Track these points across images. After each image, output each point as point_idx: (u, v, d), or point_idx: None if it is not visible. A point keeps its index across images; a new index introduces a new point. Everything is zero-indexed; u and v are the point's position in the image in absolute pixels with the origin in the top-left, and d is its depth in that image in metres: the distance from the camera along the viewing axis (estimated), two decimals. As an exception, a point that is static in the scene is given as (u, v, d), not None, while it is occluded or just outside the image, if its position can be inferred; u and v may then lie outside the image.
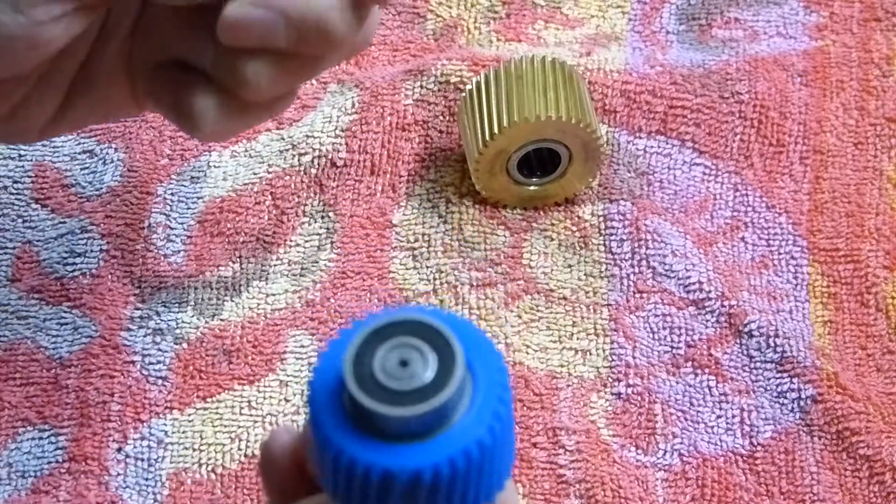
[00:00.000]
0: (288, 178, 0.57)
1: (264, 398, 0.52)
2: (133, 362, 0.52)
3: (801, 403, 0.53)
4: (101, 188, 0.56)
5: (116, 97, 0.46)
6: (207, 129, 0.41)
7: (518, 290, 0.55)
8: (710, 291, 0.55)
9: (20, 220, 0.56)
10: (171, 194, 0.56)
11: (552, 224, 0.57)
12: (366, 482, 0.29)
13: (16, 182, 0.57)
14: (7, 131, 0.45)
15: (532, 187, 0.56)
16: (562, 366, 0.54)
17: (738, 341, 0.54)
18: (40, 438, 0.51)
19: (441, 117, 0.58)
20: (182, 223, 0.56)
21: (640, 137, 0.58)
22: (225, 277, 0.55)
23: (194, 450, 0.51)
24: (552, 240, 0.56)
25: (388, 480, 0.29)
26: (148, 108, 0.48)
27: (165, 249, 0.55)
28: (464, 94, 0.57)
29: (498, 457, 0.30)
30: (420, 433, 0.29)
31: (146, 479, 0.50)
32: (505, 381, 0.30)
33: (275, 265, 0.55)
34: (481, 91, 0.55)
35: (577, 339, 0.54)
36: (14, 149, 0.58)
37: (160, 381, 0.52)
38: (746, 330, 0.54)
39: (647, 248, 0.56)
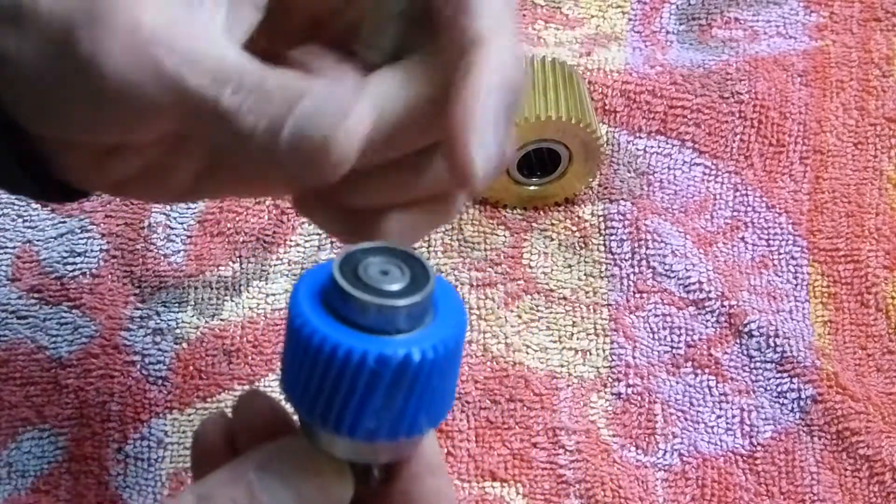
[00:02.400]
0: (288, 178, 0.57)
1: (264, 398, 0.52)
2: (133, 362, 0.52)
3: (801, 403, 0.53)
4: (101, 188, 0.56)
5: (264, 175, 0.43)
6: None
7: (518, 290, 0.55)
8: (710, 291, 0.55)
9: (20, 220, 0.56)
10: (171, 194, 0.56)
11: (552, 224, 0.57)
12: (359, 370, 0.32)
13: (16, 182, 0.57)
14: (140, 191, 0.43)
15: (532, 187, 0.56)
16: (562, 366, 0.54)
17: (738, 341, 0.54)
18: (40, 438, 0.51)
19: (441, 117, 0.58)
20: (182, 223, 0.56)
21: (640, 137, 0.58)
22: (225, 277, 0.55)
23: (194, 450, 0.51)
24: (552, 240, 0.56)
25: (381, 365, 0.32)
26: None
27: (165, 249, 0.55)
28: (464, 94, 0.57)
29: (453, 366, 0.33)
30: (396, 330, 0.32)
31: (146, 479, 0.50)
32: (464, 318, 0.34)
33: (275, 265, 0.55)
34: (481, 91, 0.55)
35: (577, 339, 0.54)
36: (14, 149, 0.57)
37: (160, 381, 0.52)
38: (746, 330, 0.54)
39: (647, 248, 0.56)
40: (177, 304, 0.54)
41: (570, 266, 0.56)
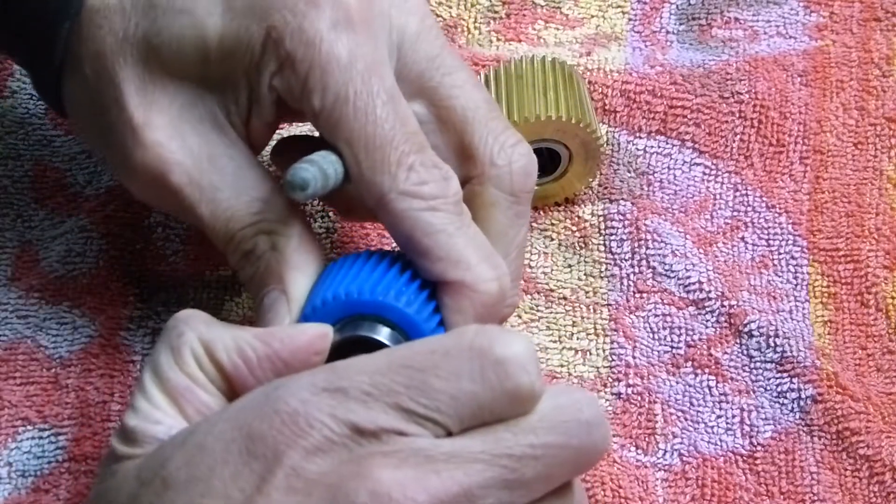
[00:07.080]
0: (288, 177, 0.57)
1: (264, 398, 0.52)
2: (133, 362, 0.52)
3: (801, 403, 0.53)
4: (101, 188, 0.56)
5: None
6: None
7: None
8: (710, 291, 0.55)
9: (20, 220, 0.56)
10: (171, 194, 0.56)
11: (552, 224, 0.57)
12: None
13: (16, 182, 0.57)
14: None
15: (532, 187, 0.56)
16: (562, 366, 0.54)
17: (738, 341, 0.54)
18: (40, 438, 0.51)
19: (441, 117, 0.58)
20: (182, 223, 0.55)
21: (640, 137, 0.58)
22: (225, 277, 0.54)
23: (194, 450, 0.51)
24: (552, 240, 0.56)
25: None
26: None
27: (165, 249, 0.55)
28: (464, 93, 0.57)
29: None
30: None
31: (146, 479, 0.50)
32: None
33: (275, 265, 0.55)
34: (481, 91, 0.55)
35: (577, 339, 0.54)
36: (14, 149, 0.57)
37: (160, 381, 0.52)
38: (746, 330, 0.54)
39: (647, 248, 0.56)
40: (177, 304, 0.54)
41: (570, 266, 0.56)
